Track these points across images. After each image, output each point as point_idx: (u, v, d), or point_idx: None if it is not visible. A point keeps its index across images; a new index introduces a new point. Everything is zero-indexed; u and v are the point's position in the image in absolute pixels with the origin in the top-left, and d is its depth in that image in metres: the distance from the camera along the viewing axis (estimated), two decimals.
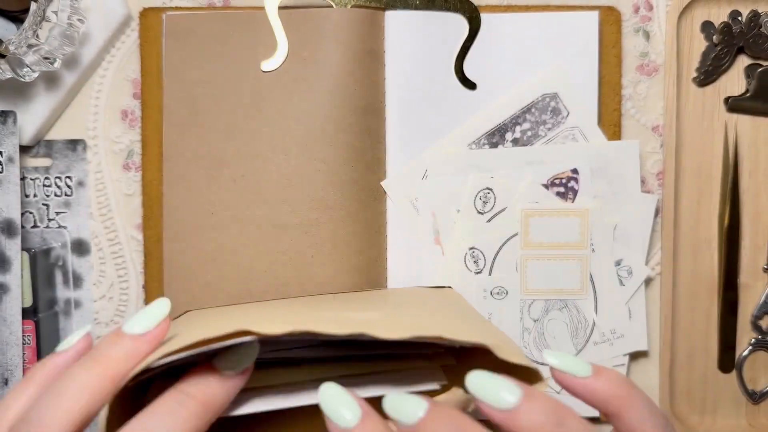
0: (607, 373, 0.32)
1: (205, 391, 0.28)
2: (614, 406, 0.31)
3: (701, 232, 0.55)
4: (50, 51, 0.49)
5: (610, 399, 0.31)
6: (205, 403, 0.28)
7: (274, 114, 0.52)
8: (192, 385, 0.28)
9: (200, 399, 0.28)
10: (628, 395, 0.31)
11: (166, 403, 0.28)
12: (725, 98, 0.54)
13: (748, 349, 0.55)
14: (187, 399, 0.28)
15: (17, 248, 0.50)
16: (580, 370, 0.32)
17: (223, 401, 0.28)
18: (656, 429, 0.31)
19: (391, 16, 0.53)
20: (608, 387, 0.31)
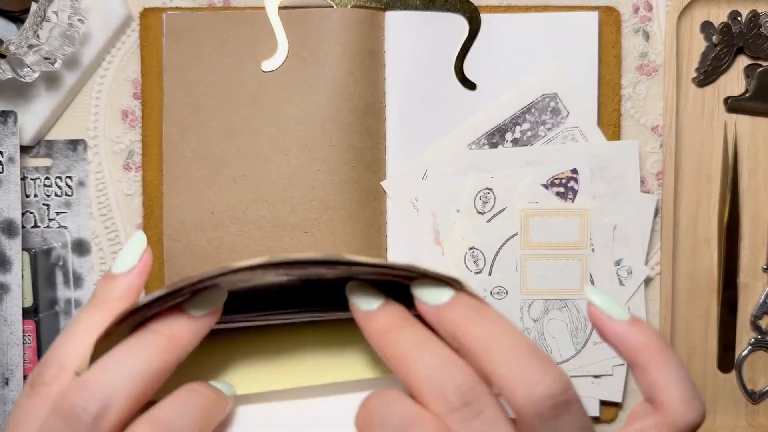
0: (643, 324, 0.31)
1: (173, 329, 0.29)
2: (644, 357, 0.30)
3: (701, 232, 0.55)
4: (51, 51, 0.49)
5: (640, 349, 0.30)
6: (174, 339, 0.29)
7: (275, 114, 0.52)
8: (161, 324, 0.29)
9: (169, 335, 0.29)
10: (662, 351, 0.30)
11: (137, 339, 0.29)
12: (725, 98, 0.54)
13: (747, 349, 0.55)
14: (156, 336, 0.29)
15: (18, 248, 0.50)
16: (618, 313, 0.31)
17: (191, 339, 0.29)
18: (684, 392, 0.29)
19: (391, 16, 0.53)
20: (642, 337, 0.30)
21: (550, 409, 0.26)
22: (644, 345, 0.30)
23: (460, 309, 0.29)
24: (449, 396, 0.27)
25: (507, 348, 0.27)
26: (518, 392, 0.26)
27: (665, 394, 0.29)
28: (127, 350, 0.28)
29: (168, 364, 0.29)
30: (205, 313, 0.30)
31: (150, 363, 0.28)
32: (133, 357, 0.28)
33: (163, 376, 0.29)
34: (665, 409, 0.29)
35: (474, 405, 0.27)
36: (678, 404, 0.29)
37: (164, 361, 0.29)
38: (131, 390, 0.28)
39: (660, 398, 0.29)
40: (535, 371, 0.27)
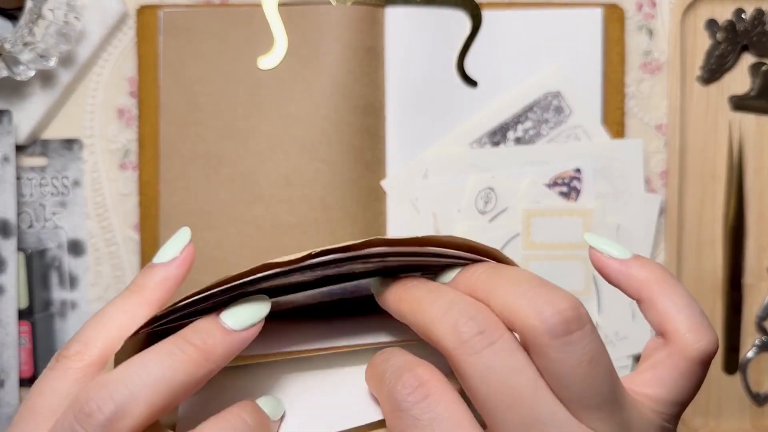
0: (645, 259, 0.31)
1: (206, 341, 0.28)
2: (648, 290, 0.30)
3: (705, 232, 0.55)
4: (46, 49, 0.49)
5: (644, 283, 0.30)
6: (206, 352, 0.28)
7: (273, 113, 0.52)
8: (194, 333, 0.28)
9: (201, 347, 0.28)
10: (666, 281, 0.30)
11: (167, 346, 0.28)
12: (730, 97, 0.54)
13: (752, 351, 0.55)
14: (187, 345, 0.28)
15: (13, 249, 0.51)
16: (619, 252, 0.31)
17: (225, 354, 0.28)
18: (691, 320, 0.29)
19: (392, 12, 0.53)
20: (644, 270, 0.30)
21: (561, 324, 0.26)
22: (648, 279, 0.30)
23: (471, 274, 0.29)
24: (461, 327, 0.27)
25: (514, 282, 0.28)
26: (528, 314, 0.26)
27: (673, 324, 0.29)
28: (154, 356, 0.27)
29: (196, 377, 0.28)
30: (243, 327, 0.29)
31: (176, 373, 0.27)
32: (159, 363, 0.27)
33: (189, 389, 0.28)
34: (675, 339, 0.29)
35: (487, 334, 0.27)
36: (687, 332, 0.29)
37: (192, 373, 0.27)
38: (152, 398, 0.27)
39: (668, 328, 0.29)
40: (543, 293, 0.27)
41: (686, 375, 0.29)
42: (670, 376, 0.29)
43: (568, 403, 0.26)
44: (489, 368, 0.26)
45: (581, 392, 0.26)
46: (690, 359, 0.29)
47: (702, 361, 0.29)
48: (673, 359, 0.29)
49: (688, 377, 0.29)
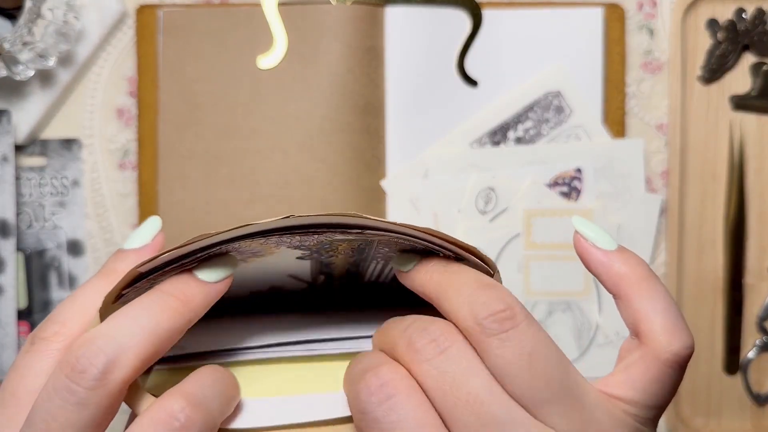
0: (628, 253, 0.30)
1: (184, 291, 0.29)
2: (627, 287, 0.29)
3: (706, 232, 0.54)
4: (45, 49, 0.49)
5: (623, 278, 0.29)
6: (185, 302, 0.29)
7: (273, 112, 0.52)
8: (172, 286, 0.29)
9: (180, 297, 0.29)
10: (646, 280, 0.29)
11: (148, 298, 0.29)
12: (730, 96, 0.54)
13: (753, 351, 0.55)
14: (168, 297, 0.29)
15: (13, 249, 0.50)
16: (604, 242, 0.30)
17: (202, 304, 0.29)
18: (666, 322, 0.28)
19: (392, 12, 0.52)
20: (625, 266, 0.29)
21: (495, 323, 0.27)
22: (627, 274, 0.29)
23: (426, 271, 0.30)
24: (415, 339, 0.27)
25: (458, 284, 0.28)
26: (466, 317, 0.27)
27: (648, 324, 0.28)
28: (138, 308, 0.28)
29: (178, 326, 0.29)
30: (216, 279, 0.30)
31: (161, 322, 0.28)
32: (144, 314, 0.28)
33: (173, 337, 0.29)
34: (648, 341, 0.28)
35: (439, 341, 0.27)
36: (661, 334, 0.28)
37: (175, 322, 0.28)
38: (141, 347, 0.27)
39: (642, 329, 0.29)
40: (481, 295, 0.27)
41: (659, 378, 0.28)
42: (643, 379, 0.28)
43: (523, 401, 0.26)
44: (443, 373, 0.27)
45: (529, 386, 0.26)
46: (663, 361, 0.28)
47: (675, 364, 0.28)
48: (645, 362, 0.28)
49: (661, 381, 0.28)
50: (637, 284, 0.29)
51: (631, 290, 0.29)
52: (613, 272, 0.30)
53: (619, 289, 0.29)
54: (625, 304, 0.29)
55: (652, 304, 0.29)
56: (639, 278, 0.29)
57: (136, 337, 0.27)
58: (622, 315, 0.30)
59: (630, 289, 0.29)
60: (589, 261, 0.30)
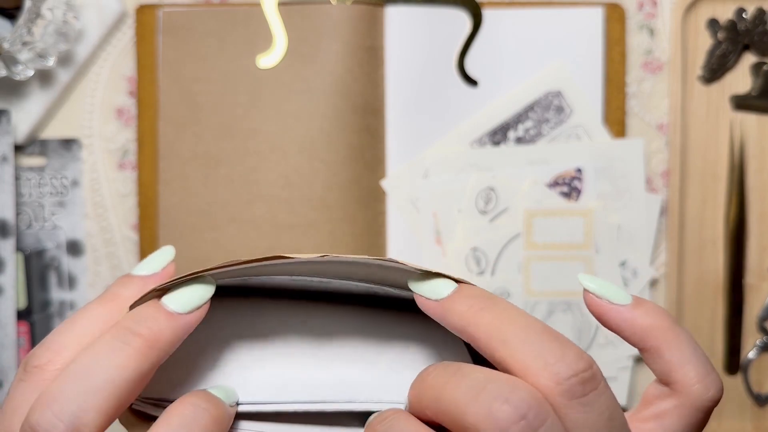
0: (648, 304, 0.29)
1: (151, 327, 0.27)
2: (654, 339, 0.28)
3: (707, 232, 0.54)
4: (45, 48, 0.49)
5: (649, 331, 0.28)
6: (151, 340, 0.26)
7: (272, 112, 0.52)
8: (137, 321, 0.27)
9: (146, 335, 0.26)
10: (671, 329, 0.28)
11: (109, 340, 0.26)
12: (731, 96, 0.54)
13: (753, 351, 0.55)
14: (131, 336, 0.26)
15: (12, 249, 0.50)
16: (619, 297, 0.29)
17: (171, 340, 0.27)
18: (699, 370, 0.28)
19: (391, 11, 0.52)
20: (649, 318, 0.29)
21: (578, 385, 0.25)
22: (652, 327, 0.28)
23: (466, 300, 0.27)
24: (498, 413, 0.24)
25: (521, 331, 0.26)
26: (542, 373, 0.25)
27: (681, 374, 0.28)
28: (97, 355, 0.26)
29: (145, 367, 0.26)
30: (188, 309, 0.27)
31: (123, 370, 0.26)
32: (103, 364, 0.26)
33: (141, 380, 0.27)
34: (683, 390, 0.28)
35: (529, 419, 0.24)
36: (696, 383, 0.28)
37: (140, 364, 0.26)
38: (104, 403, 0.25)
39: (676, 378, 0.28)
40: (556, 350, 0.25)
41: (693, 424, 0.28)
42: (676, 426, 0.28)
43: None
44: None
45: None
46: (698, 409, 0.28)
47: (710, 410, 0.28)
48: (680, 410, 0.28)
49: (694, 426, 0.28)
50: (664, 335, 0.28)
51: (659, 342, 0.28)
52: (638, 327, 0.29)
53: (646, 343, 0.29)
54: (655, 356, 0.29)
55: (683, 353, 0.28)
56: (666, 330, 0.28)
57: (97, 392, 0.25)
58: (651, 366, 0.29)
59: (658, 341, 0.28)
60: (608, 319, 0.29)
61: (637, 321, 0.29)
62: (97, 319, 0.29)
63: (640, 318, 0.29)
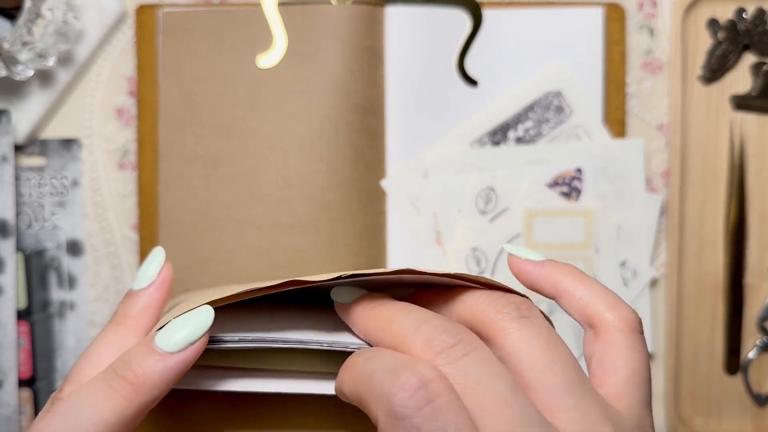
0: (557, 261, 0.32)
1: (136, 371, 0.26)
2: (564, 284, 0.31)
3: (707, 232, 0.54)
4: (45, 48, 0.49)
5: (559, 278, 0.31)
6: (137, 384, 0.26)
7: (273, 112, 0.52)
8: (124, 363, 0.27)
9: (131, 379, 0.26)
10: (578, 275, 0.31)
11: (96, 382, 0.27)
12: (731, 96, 0.54)
13: (753, 351, 0.55)
14: (116, 379, 0.27)
15: (12, 249, 0.50)
16: (531, 255, 0.33)
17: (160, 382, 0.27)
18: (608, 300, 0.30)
19: (392, 11, 0.52)
20: (557, 269, 0.32)
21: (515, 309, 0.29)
22: (562, 274, 0.31)
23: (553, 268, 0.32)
24: (435, 340, 0.27)
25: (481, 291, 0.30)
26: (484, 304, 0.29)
27: (593, 308, 0.30)
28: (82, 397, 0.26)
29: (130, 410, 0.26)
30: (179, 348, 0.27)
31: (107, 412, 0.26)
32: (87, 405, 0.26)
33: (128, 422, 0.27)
34: (600, 323, 0.30)
35: (461, 345, 0.27)
36: (606, 311, 0.30)
37: (123, 408, 0.26)
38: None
39: (590, 314, 0.31)
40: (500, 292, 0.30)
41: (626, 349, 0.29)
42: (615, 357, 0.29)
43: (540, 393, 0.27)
44: (466, 376, 0.26)
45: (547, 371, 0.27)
46: (620, 331, 0.30)
47: (631, 330, 0.30)
48: (606, 343, 0.30)
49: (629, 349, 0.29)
50: (572, 280, 0.31)
51: (568, 285, 0.31)
52: (548, 277, 0.32)
53: (557, 289, 0.31)
54: (568, 300, 0.31)
55: (591, 291, 0.31)
56: (572, 275, 0.31)
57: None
58: (568, 311, 0.31)
59: (567, 285, 0.31)
60: (524, 274, 0.32)
61: (548, 272, 0.32)
62: (111, 345, 0.30)
63: (550, 269, 0.32)
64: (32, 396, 0.51)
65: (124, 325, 0.31)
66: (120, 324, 0.31)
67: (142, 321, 0.31)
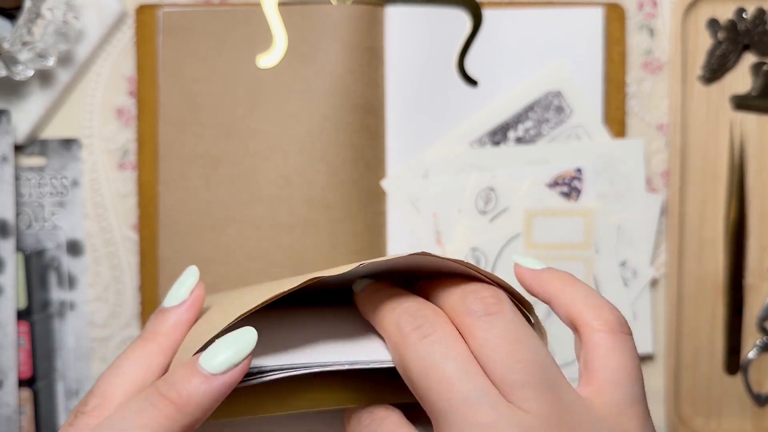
0: (555, 269, 0.33)
1: (180, 392, 0.27)
2: (553, 289, 0.32)
3: (707, 232, 0.54)
4: (45, 48, 0.49)
5: (550, 283, 0.32)
6: (180, 404, 0.27)
7: (273, 112, 0.52)
8: (167, 384, 0.27)
9: (174, 400, 0.27)
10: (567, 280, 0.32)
11: (138, 401, 0.27)
12: (731, 96, 0.54)
13: (753, 351, 0.55)
14: (160, 399, 0.27)
15: (12, 249, 0.50)
16: (533, 264, 0.33)
17: (203, 404, 0.27)
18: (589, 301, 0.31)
19: (392, 11, 0.52)
20: (551, 275, 0.33)
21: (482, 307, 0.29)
22: (554, 279, 0.32)
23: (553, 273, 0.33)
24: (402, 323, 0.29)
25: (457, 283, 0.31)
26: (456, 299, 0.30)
27: (576, 310, 0.31)
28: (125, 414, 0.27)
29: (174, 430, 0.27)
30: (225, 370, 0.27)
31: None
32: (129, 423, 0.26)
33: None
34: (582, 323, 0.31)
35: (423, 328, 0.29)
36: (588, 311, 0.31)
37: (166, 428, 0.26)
38: None
39: (573, 315, 0.31)
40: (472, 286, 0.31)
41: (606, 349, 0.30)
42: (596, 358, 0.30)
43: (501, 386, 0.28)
44: (422, 357, 0.28)
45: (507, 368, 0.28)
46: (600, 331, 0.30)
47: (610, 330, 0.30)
48: (590, 343, 0.30)
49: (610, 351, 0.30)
50: (561, 285, 0.32)
51: (556, 290, 0.32)
52: (542, 282, 0.33)
53: (549, 293, 0.32)
54: (556, 303, 0.32)
55: (576, 293, 0.31)
56: (562, 280, 0.32)
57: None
58: (557, 314, 0.32)
59: (556, 289, 0.32)
60: (523, 280, 0.33)
61: (543, 278, 0.33)
62: (140, 365, 0.30)
63: (545, 276, 0.33)
64: (32, 396, 0.51)
65: (154, 342, 0.31)
66: (149, 341, 0.31)
67: (171, 339, 0.31)
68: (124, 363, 0.30)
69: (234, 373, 0.27)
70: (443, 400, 0.27)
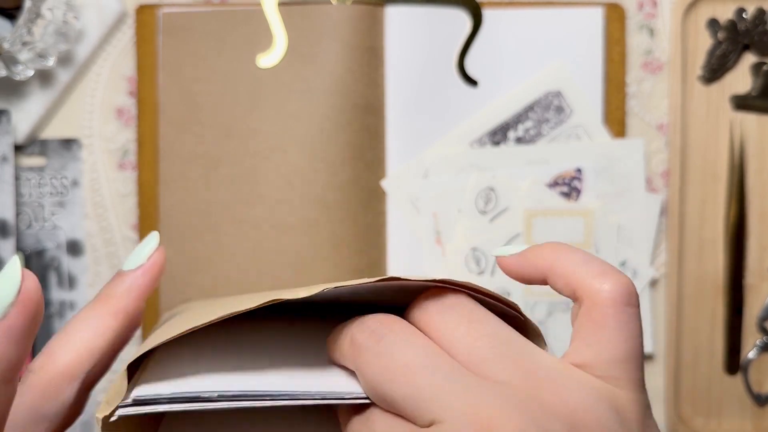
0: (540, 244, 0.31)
1: (110, 290, 0.32)
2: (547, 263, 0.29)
3: (707, 232, 0.54)
4: (45, 48, 0.49)
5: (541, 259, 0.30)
6: (111, 304, 0.31)
7: (273, 112, 0.52)
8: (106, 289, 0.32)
9: (105, 296, 0.32)
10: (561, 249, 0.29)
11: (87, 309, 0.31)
12: (731, 96, 0.54)
13: (753, 351, 0.55)
14: (94, 301, 0.32)
15: (12, 249, 0.50)
16: (512, 250, 0.31)
17: (131, 300, 0.32)
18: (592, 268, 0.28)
19: (392, 12, 0.52)
20: (537, 250, 0.30)
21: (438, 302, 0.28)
22: (544, 252, 0.30)
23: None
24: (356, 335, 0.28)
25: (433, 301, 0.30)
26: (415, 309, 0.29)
27: (576, 278, 0.28)
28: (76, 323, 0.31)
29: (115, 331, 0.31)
30: (137, 265, 0.31)
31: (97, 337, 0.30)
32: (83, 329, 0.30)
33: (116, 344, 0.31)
34: (583, 292, 0.28)
35: (377, 331, 0.27)
36: (591, 280, 0.28)
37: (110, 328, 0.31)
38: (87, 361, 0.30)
39: (574, 285, 0.28)
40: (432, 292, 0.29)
41: (605, 323, 0.27)
42: (591, 332, 0.27)
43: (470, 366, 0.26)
44: (380, 355, 0.26)
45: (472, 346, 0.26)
46: (601, 305, 0.27)
47: (615, 303, 0.27)
48: (588, 313, 0.28)
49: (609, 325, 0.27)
50: (552, 253, 0.29)
51: (551, 261, 0.29)
52: (531, 261, 0.30)
53: (542, 269, 0.30)
54: (553, 276, 0.29)
55: (575, 261, 0.29)
56: (555, 249, 0.30)
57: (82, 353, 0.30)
58: (557, 288, 0.30)
59: (547, 261, 0.29)
60: (510, 268, 0.31)
61: (529, 257, 0.30)
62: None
63: (530, 253, 0.30)
64: None
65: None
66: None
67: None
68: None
69: (147, 269, 0.32)
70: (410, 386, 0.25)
